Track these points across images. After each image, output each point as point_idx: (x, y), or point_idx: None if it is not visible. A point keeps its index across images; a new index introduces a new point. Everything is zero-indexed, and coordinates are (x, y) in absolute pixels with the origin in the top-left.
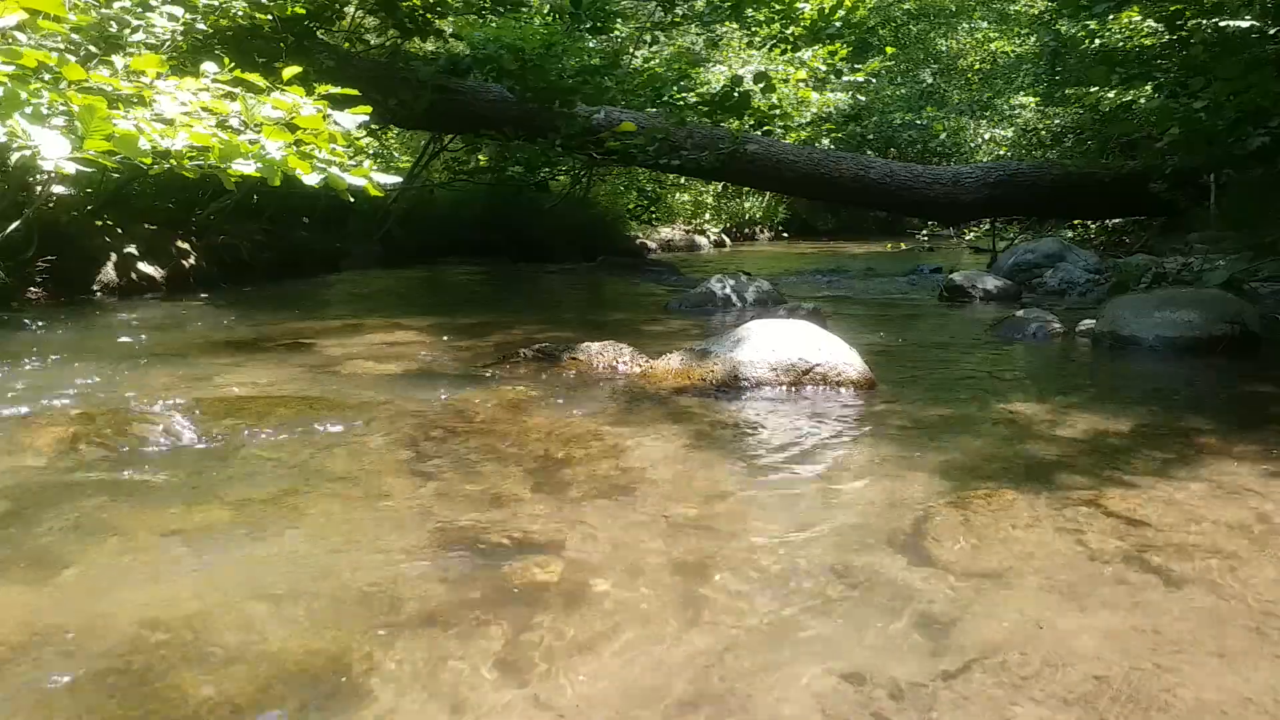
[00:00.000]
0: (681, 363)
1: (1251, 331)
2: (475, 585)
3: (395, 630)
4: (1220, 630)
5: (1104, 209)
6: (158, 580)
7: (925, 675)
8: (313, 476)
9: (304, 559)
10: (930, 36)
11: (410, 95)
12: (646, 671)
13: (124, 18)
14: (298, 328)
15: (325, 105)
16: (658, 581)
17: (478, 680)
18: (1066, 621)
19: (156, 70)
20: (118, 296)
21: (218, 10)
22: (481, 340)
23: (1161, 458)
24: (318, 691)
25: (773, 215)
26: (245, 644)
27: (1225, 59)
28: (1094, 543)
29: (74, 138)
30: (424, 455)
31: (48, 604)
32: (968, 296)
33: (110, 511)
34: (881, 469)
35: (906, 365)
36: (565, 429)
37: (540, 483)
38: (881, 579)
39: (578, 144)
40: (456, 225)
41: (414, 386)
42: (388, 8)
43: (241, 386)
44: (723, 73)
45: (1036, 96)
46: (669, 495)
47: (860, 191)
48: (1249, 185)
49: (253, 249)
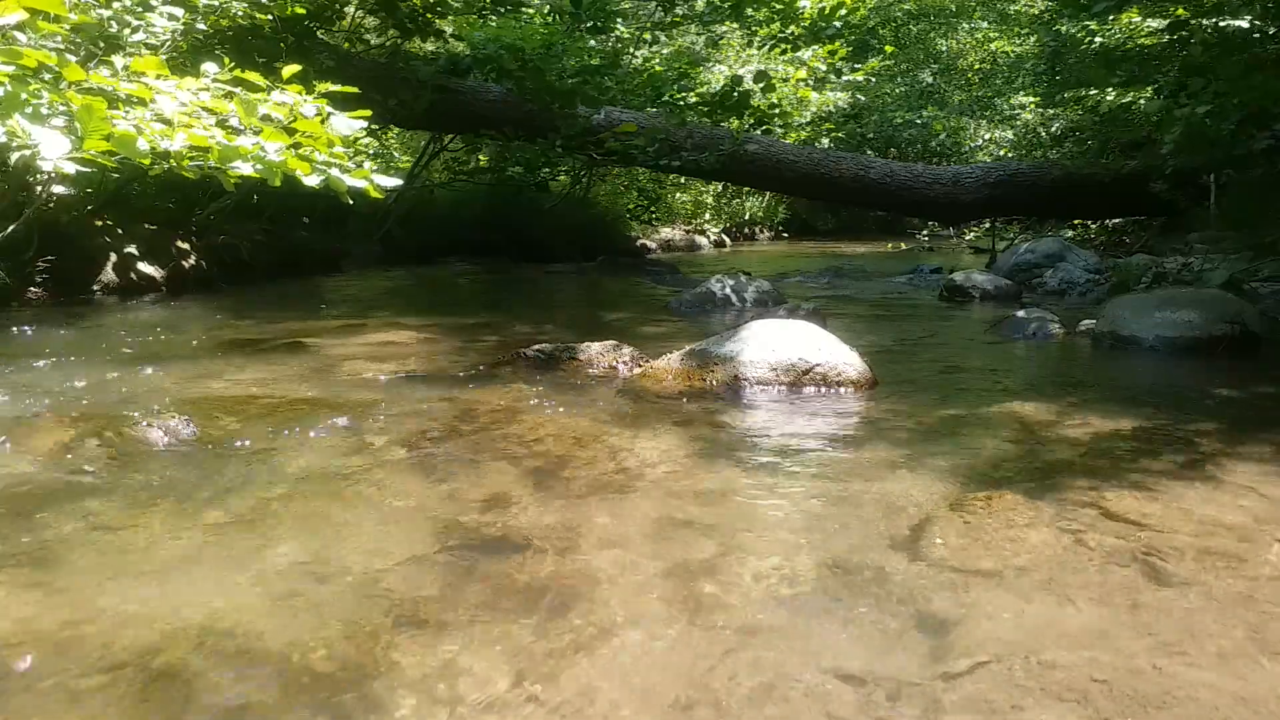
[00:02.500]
0: (682, 363)
1: (1252, 331)
2: (476, 585)
3: (396, 630)
4: (1220, 631)
5: (1104, 209)
6: (158, 580)
7: (926, 676)
8: (313, 476)
9: (304, 559)
10: (930, 36)
11: (410, 95)
12: (647, 672)
13: (124, 17)
14: (298, 328)
15: (325, 104)
16: (658, 581)
17: (478, 680)
18: (1067, 622)
19: (157, 71)
20: (118, 296)
21: (218, 10)
22: (482, 340)
23: (1162, 458)
24: (319, 691)
25: (773, 215)
26: (246, 644)
27: (1225, 59)
28: (1094, 543)
29: (73, 138)
30: (424, 455)
31: (48, 605)
32: (968, 296)
33: (110, 512)
34: (882, 469)
35: (907, 365)
36: (566, 429)
37: (541, 483)
38: (882, 579)
39: (578, 144)
40: (456, 225)
41: (414, 387)
42: (388, 8)
43: (241, 386)
44: (723, 72)
45: (1036, 97)
46: (669, 495)
47: (860, 191)
48: (1249, 185)
49: (253, 249)
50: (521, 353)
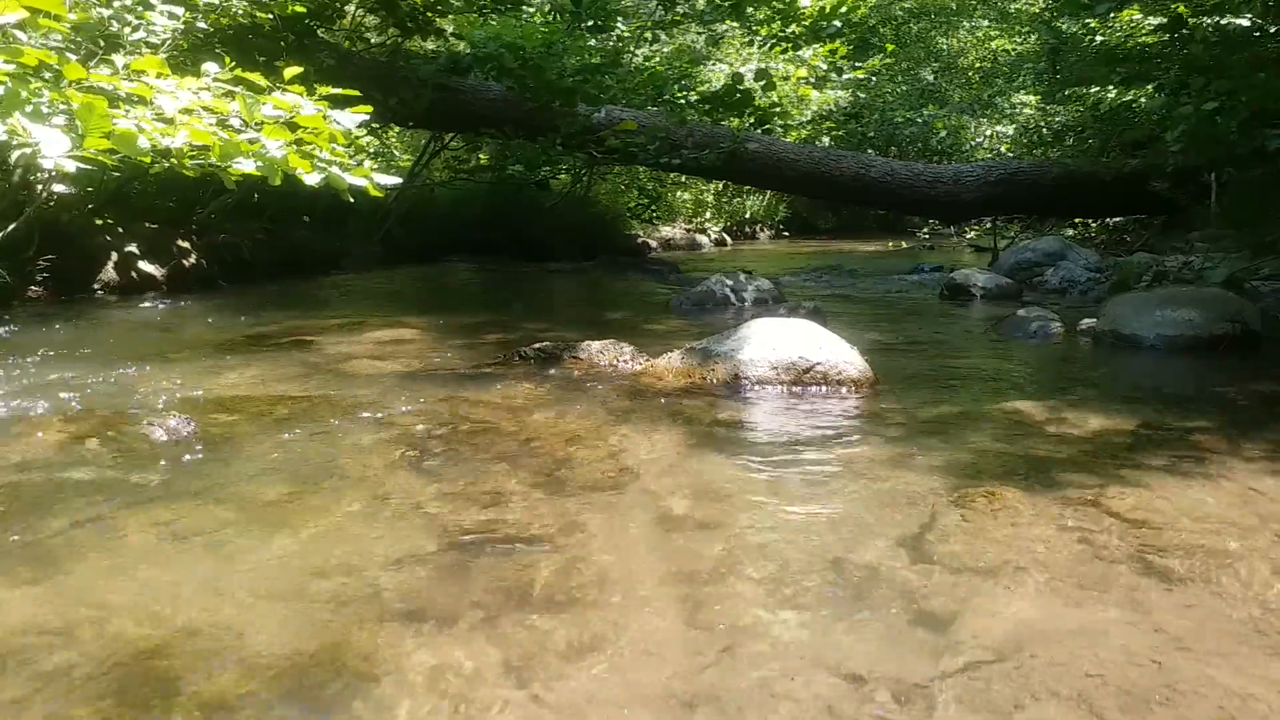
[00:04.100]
0: (682, 361)
1: (1252, 330)
2: (476, 584)
3: (397, 629)
4: (1221, 628)
5: (1105, 207)
6: (159, 580)
7: (927, 674)
8: (313, 475)
9: (305, 557)
10: (931, 35)
11: (411, 94)
12: (647, 671)
13: (124, 16)
14: (298, 327)
15: (326, 105)
16: (658, 580)
17: (479, 679)
18: (1068, 620)
19: (157, 70)
20: (118, 295)
21: (218, 9)
22: (482, 339)
23: (1162, 456)
24: (321, 691)
25: (773, 214)
26: (247, 643)
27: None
28: (1095, 541)
29: (74, 136)
30: (425, 454)
31: (49, 603)
32: (968, 295)
33: (111, 511)
34: (882, 468)
35: (907, 364)
36: (566, 428)
37: (541, 482)
38: (883, 577)
39: (578, 143)
40: (457, 224)
41: (414, 385)
42: (388, 7)
43: (242, 385)
44: (723, 71)
45: (1037, 95)
46: (670, 494)
47: (861, 190)
48: (1249, 184)
49: (253, 248)
50: (522, 351)
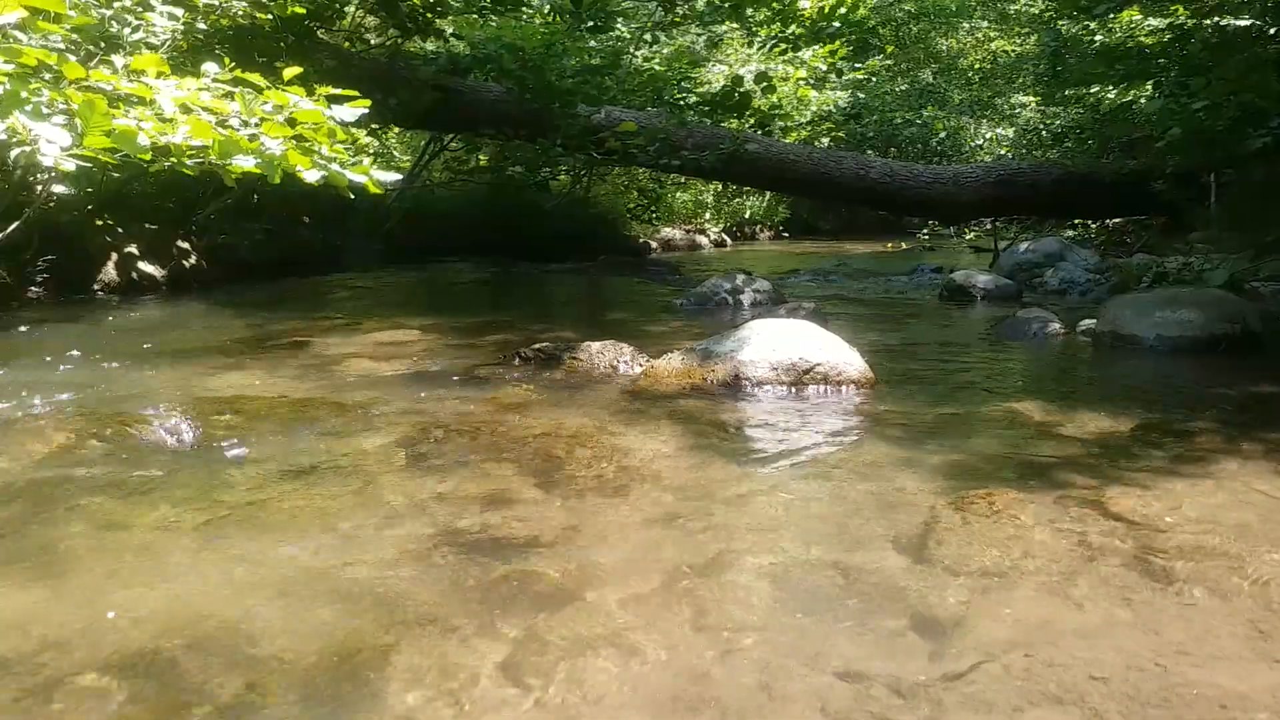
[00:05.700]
0: (683, 362)
1: (1252, 331)
2: (476, 585)
3: (397, 630)
4: (1221, 630)
5: (1105, 208)
6: (160, 580)
7: (927, 676)
8: (313, 475)
9: (305, 558)
10: (930, 36)
11: (411, 95)
12: (648, 672)
13: (124, 17)
14: (298, 327)
15: (325, 105)
16: (659, 581)
17: (480, 680)
18: (1068, 621)
19: (157, 70)
20: (118, 296)
21: (218, 10)
22: (482, 340)
23: (1163, 457)
24: (322, 691)
25: (773, 215)
26: (248, 643)
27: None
28: (1095, 541)
29: (74, 134)
30: (425, 455)
31: (50, 604)
32: (968, 296)
33: (111, 511)
34: (882, 469)
35: (907, 364)
36: (566, 429)
37: (541, 483)
38: (883, 579)
39: (578, 144)
40: (457, 225)
41: (414, 386)
42: (388, 7)
43: (242, 386)
44: (723, 72)
45: (1037, 96)
46: (670, 495)
47: (861, 191)
48: (1249, 185)
49: (253, 248)
50: (522, 352)
